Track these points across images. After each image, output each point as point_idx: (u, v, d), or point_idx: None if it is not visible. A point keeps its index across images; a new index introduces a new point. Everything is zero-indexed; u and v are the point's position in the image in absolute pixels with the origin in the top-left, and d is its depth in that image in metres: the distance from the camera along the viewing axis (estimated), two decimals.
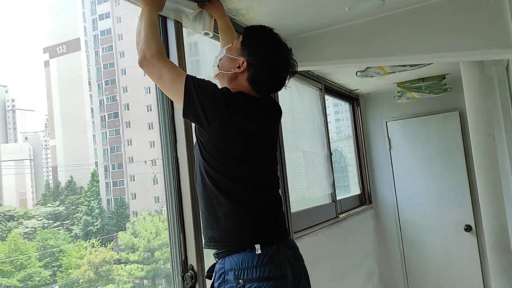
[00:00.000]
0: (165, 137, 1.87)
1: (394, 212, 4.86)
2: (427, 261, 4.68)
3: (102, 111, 43.63)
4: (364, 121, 4.99)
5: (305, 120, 3.51)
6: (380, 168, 4.95)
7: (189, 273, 1.82)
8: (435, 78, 4.26)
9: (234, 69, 1.61)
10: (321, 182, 3.66)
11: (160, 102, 1.89)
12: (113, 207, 39.96)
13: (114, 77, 43.31)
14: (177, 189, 1.85)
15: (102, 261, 22.48)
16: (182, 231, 1.85)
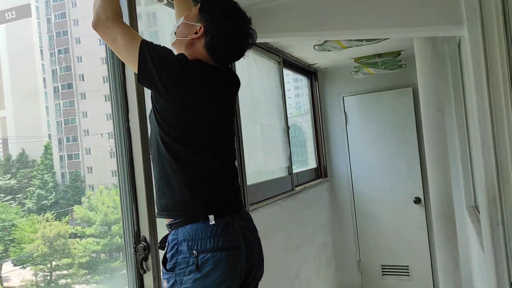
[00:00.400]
0: (117, 107, 1.81)
1: (349, 185, 4.99)
2: (378, 232, 4.87)
3: (55, 81, 41.91)
4: (322, 95, 5.05)
5: (262, 93, 3.50)
6: (336, 142, 5.04)
7: (142, 245, 1.80)
8: (391, 54, 4.34)
9: (191, 35, 1.58)
10: (278, 155, 3.70)
11: (111, 71, 1.82)
12: (68, 181, 38.94)
13: (68, 46, 41.52)
14: (129, 160, 1.81)
15: (56, 235, 22.02)
16: (134, 203, 1.82)
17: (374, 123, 4.89)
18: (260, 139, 3.38)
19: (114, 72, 1.83)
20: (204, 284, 1.45)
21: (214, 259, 1.46)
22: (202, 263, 1.45)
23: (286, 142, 3.85)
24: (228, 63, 1.72)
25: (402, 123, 4.73)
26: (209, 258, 1.46)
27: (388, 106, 4.83)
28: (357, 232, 4.97)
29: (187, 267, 1.46)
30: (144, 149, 1.80)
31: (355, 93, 4.95)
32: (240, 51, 1.64)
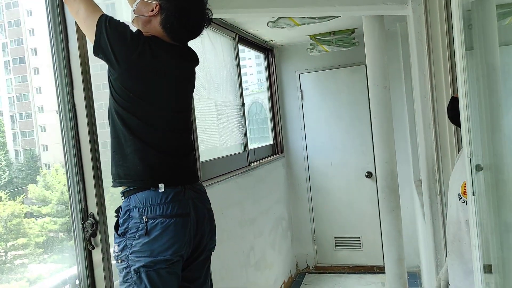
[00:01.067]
0: (60, 82, 1.77)
1: (304, 160, 5.10)
2: (332, 205, 5.03)
3: (5, 55, 39.97)
4: (278, 72, 5.09)
5: (217, 69, 3.49)
6: (292, 119, 5.12)
7: (90, 221, 1.80)
8: (345, 32, 4.41)
9: (148, 13, 1.63)
10: (233, 132, 3.72)
11: (53, 43, 1.77)
12: (23, 159, 37.60)
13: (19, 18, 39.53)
14: (75, 137, 1.79)
15: (11, 215, 21.40)
16: (81, 180, 1.81)
17: (329, 100, 4.99)
18: (214, 116, 3.39)
19: (57, 47, 1.78)
20: (152, 248, 1.52)
21: (162, 225, 1.53)
22: (151, 228, 1.52)
23: (242, 119, 3.89)
24: (184, 41, 1.75)
25: (356, 99, 4.85)
26: (158, 224, 1.53)
27: (342, 83, 4.93)
28: (312, 206, 5.12)
29: (137, 232, 1.53)
30: (90, 126, 1.78)
31: (311, 70, 5.02)
32: (196, 29, 1.70)
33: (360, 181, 4.90)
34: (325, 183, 5.04)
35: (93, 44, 1.56)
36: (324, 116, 5.00)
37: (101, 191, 1.83)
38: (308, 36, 4.49)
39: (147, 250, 1.52)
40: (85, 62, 1.80)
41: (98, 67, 4.65)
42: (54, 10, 1.79)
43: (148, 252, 1.52)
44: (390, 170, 2.88)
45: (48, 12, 1.79)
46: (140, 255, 1.53)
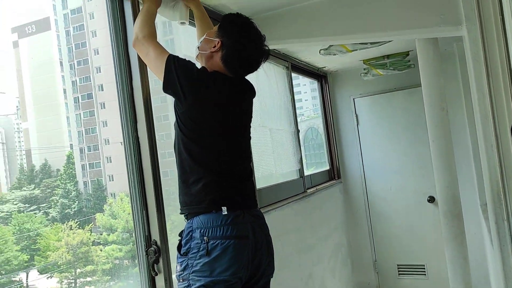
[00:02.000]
0: (125, 117, 1.91)
1: (362, 186, 5.02)
2: (392, 231, 4.88)
3: (75, 92, 42.64)
4: (333, 98, 5.10)
5: (271, 98, 3.57)
6: (348, 143, 5.08)
7: (153, 248, 1.89)
8: (399, 55, 4.37)
9: (210, 49, 1.78)
10: (288, 158, 3.76)
11: (119, 82, 1.92)
12: (90, 189, 39.47)
13: (87, 57, 42.28)
14: (138, 168, 1.91)
15: (80, 243, 22.38)
16: (145, 208, 1.91)
17: (386, 123, 4.92)
18: (269, 143, 3.45)
19: (122, 84, 1.93)
20: (212, 268, 1.60)
21: (222, 246, 1.61)
22: (211, 248, 1.61)
23: (297, 145, 3.92)
24: (243, 75, 1.90)
25: (413, 122, 4.74)
26: (218, 245, 1.61)
27: (399, 106, 4.85)
28: (372, 232, 4.99)
29: (198, 252, 1.62)
30: (152, 157, 1.90)
31: (366, 94, 4.99)
32: (254, 64, 1.84)
33: (421, 205, 4.73)
34: (385, 209, 4.92)
35: (163, 81, 1.70)
36: (381, 140, 4.92)
37: (163, 218, 1.92)
38: (361, 61, 4.49)
39: (207, 270, 1.59)
40: (147, 98, 1.93)
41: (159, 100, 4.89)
42: (119, 49, 1.95)
43: (208, 272, 1.59)
44: (452, 194, 2.78)
45: (114, 52, 1.95)
46: (200, 274, 1.60)
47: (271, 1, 2.69)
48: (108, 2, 1.95)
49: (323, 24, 2.69)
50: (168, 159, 3.19)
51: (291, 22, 2.78)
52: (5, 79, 49.41)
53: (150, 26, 1.80)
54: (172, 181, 3.56)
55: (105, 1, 1.97)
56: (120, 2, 1.96)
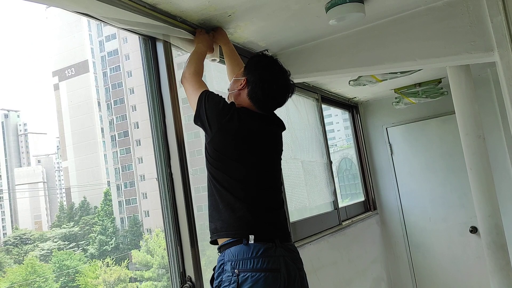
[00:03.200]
0: (159, 154, 1.95)
1: (399, 217, 4.88)
2: (434, 264, 4.69)
3: (112, 130, 44.16)
4: (365, 128, 5.05)
5: (302, 130, 3.58)
6: (383, 173, 4.99)
7: (187, 284, 1.89)
8: (431, 82, 4.31)
9: (238, 87, 1.87)
10: (321, 190, 3.72)
11: (152, 120, 1.98)
12: (127, 225, 40.18)
13: (123, 96, 43.86)
14: (172, 203, 1.94)
15: (117, 279, 22.60)
16: (179, 244, 1.93)
17: (421, 152, 4.81)
18: (302, 176, 3.43)
19: (156, 121, 1.99)
20: None
21: (252, 279, 1.60)
22: (242, 281, 1.60)
23: (330, 177, 3.88)
24: (270, 110, 1.95)
25: (450, 150, 4.62)
26: (249, 277, 1.60)
27: (433, 134, 4.75)
28: (412, 265, 4.81)
29: (230, 285, 1.61)
30: (185, 192, 1.92)
31: (398, 123, 4.92)
32: (280, 99, 1.89)
33: (463, 236, 4.54)
34: (424, 240, 4.75)
35: (194, 113, 1.81)
36: (417, 169, 4.80)
37: (197, 254, 1.93)
38: (392, 90, 4.46)
39: None
40: (179, 134, 1.97)
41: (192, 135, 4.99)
42: (152, 88, 2.02)
43: None
44: (494, 224, 2.66)
45: (147, 90, 2.02)
46: None
47: (297, 37, 2.74)
48: (141, 44, 2.04)
49: (351, 55, 2.71)
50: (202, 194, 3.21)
51: (318, 55, 2.81)
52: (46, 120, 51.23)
53: (196, 65, 1.94)
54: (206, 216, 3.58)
55: (139, 43, 2.06)
56: (153, 44, 2.05)
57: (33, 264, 28.08)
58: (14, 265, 31.99)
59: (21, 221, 53.43)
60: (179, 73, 2.13)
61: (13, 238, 40.81)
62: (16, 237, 40.36)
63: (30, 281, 26.92)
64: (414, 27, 2.51)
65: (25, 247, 37.58)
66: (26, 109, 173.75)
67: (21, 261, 31.16)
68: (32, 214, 57.15)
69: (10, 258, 35.29)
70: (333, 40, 2.78)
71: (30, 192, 57.26)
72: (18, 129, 70.43)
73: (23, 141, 69.73)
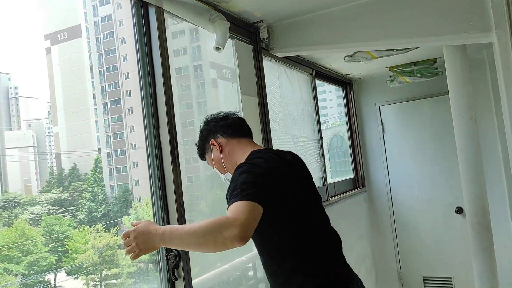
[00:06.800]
0: (148, 122, 1.93)
1: (387, 195, 4.93)
2: (419, 242, 4.77)
3: (104, 97, 43.52)
4: (358, 105, 5.04)
5: (294, 105, 3.55)
6: (373, 152, 5.01)
7: (173, 253, 1.89)
8: (427, 62, 4.29)
9: (222, 155, 1.83)
10: (311, 166, 3.72)
11: (142, 87, 1.94)
12: (117, 193, 40.21)
13: (116, 63, 43.17)
14: (160, 172, 1.92)
15: (106, 246, 22.73)
16: (165, 213, 1.92)
17: (412, 131, 4.82)
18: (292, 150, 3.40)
19: (146, 90, 1.95)
20: None
21: None
22: None
23: (320, 153, 3.88)
24: (250, 134, 1.94)
25: (441, 131, 4.63)
26: None
27: (426, 114, 4.75)
28: (397, 242, 4.89)
29: None
30: (173, 163, 1.90)
31: (392, 102, 4.91)
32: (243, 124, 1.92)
33: (449, 217, 4.61)
34: (410, 219, 4.81)
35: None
36: (407, 149, 4.82)
37: (184, 223, 1.92)
38: (387, 68, 4.43)
39: None
40: (170, 104, 1.94)
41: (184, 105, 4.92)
42: (143, 55, 1.97)
43: None
44: (481, 206, 2.69)
45: (138, 58, 1.97)
46: None
47: (294, 8, 2.68)
48: (133, 8, 1.98)
49: (348, 30, 2.66)
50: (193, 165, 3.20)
51: (315, 28, 2.76)
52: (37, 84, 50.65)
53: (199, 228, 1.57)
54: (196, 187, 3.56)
55: (131, 9, 2.00)
56: (145, 9, 1.99)
57: (22, 228, 28.11)
58: (3, 227, 32.09)
59: (10, 185, 53.24)
60: (173, 41, 2.08)
61: (2, 201, 40.78)
62: (5, 200, 40.32)
63: (19, 244, 27.05)
64: (413, 4, 2.47)
65: (15, 210, 37.62)
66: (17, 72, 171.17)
67: (10, 224, 31.23)
68: (21, 178, 56.93)
69: None
70: (330, 14, 2.73)
71: (20, 156, 56.94)
72: (9, 92, 69.41)
73: (14, 105, 68.79)
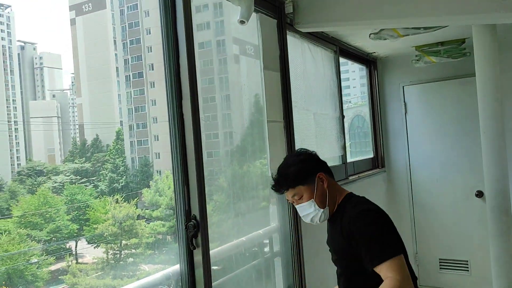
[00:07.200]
0: (171, 94, 1.94)
1: (407, 176, 4.89)
2: (436, 225, 4.75)
3: (127, 70, 43.96)
4: (381, 85, 4.97)
5: (317, 82, 3.53)
6: (395, 132, 4.95)
7: (192, 222, 1.93)
8: (454, 42, 4.18)
9: (324, 186, 1.92)
10: (331, 144, 3.71)
11: (166, 59, 1.95)
12: (138, 165, 40.96)
13: (139, 36, 43.29)
14: (181, 144, 1.94)
15: (125, 216, 23.28)
16: (186, 183, 1.95)
17: (436, 113, 4.74)
18: (313, 127, 3.41)
19: (169, 62, 1.96)
20: None
21: None
22: None
23: (341, 131, 3.86)
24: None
25: (465, 113, 4.55)
26: None
27: (451, 96, 4.66)
28: (414, 224, 4.88)
29: None
30: (195, 134, 1.92)
31: (416, 82, 4.83)
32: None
33: (468, 200, 4.56)
34: (429, 201, 4.78)
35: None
36: (430, 130, 4.76)
37: (204, 195, 1.95)
38: (413, 47, 4.33)
39: None
40: (193, 76, 1.95)
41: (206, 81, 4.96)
42: (168, 28, 1.97)
43: None
44: (501, 189, 2.66)
45: (162, 30, 1.98)
46: None
47: None
48: None
49: (375, 6, 2.61)
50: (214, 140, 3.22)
51: (341, 3, 2.71)
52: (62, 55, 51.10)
53: None
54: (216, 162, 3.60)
55: None
56: None
57: (45, 195, 29.01)
58: (27, 195, 33.11)
59: (34, 153, 54.73)
60: (196, 15, 2.07)
61: (26, 168, 42.03)
62: (29, 168, 41.54)
63: (42, 211, 27.93)
64: None
65: (38, 179, 38.73)
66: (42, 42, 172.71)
67: (34, 191, 32.20)
68: (45, 147, 58.42)
69: (23, 188, 36.51)
70: None
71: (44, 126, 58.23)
72: (34, 62, 70.58)
73: (39, 75, 70.03)
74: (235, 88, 1.86)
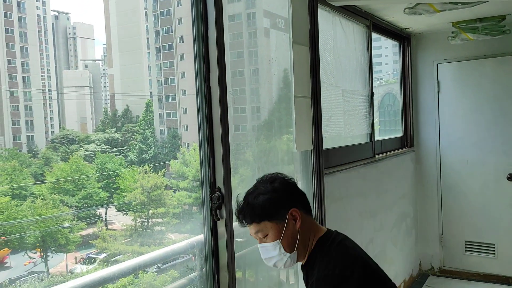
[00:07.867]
0: (199, 66, 1.94)
1: (436, 156, 4.80)
2: (464, 206, 4.67)
3: (157, 42, 44.14)
4: (414, 62, 4.83)
5: (347, 57, 3.46)
6: (426, 111, 4.84)
7: (217, 194, 1.96)
8: (494, 18, 4.00)
9: (296, 224, 1.57)
10: (359, 121, 3.67)
11: (195, 33, 1.95)
12: (166, 137, 41.61)
13: (170, 8, 43.24)
14: (208, 117, 1.96)
15: (153, 186, 23.79)
16: (212, 156, 1.97)
17: (471, 92, 4.60)
18: (341, 104, 3.37)
19: (198, 34, 1.96)
20: None
21: None
22: None
23: (369, 109, 3.80)
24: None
25: (502, 94, 4.40)
26: None
27: (486, 75, 4.50)
28: (441, 205, 4.81)
29: None
30: (222, 107, 1.93)
31: (451, 60, 4.67)
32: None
33: (499, 183, 4.45)
34: (458, 182, 4.69)
35: None
36: (463, 110, 4.62)
37: (229, 167, 1.97)
38: (450, 23, 4.18)
39: None
40: (221, 48, 1.94)
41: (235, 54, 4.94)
42: None
43: None
44: None
45: (192, 1, 1.97)
46: None
47: None
48: None
49: None
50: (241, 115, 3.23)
51: None
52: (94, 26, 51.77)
53: None
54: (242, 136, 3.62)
55: None
56: None
57: (77, 163, 29.89)
58: (60, 162, 34.21)
59: (67, 122, 56.24)
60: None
61: (60, 137, 43.28)
62: (63, 136, 42.76)
63: (74, 178, 28.84)
64: None
65: (71, 147, 39.88)
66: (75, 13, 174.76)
67: (67, 158, 33.22)
68: (78, 116, 59.89)
69: (57, 155, 37.74)
70: None
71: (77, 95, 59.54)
72: (68, 32, 71.68)
73: (72, 45, 71.20)
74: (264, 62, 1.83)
